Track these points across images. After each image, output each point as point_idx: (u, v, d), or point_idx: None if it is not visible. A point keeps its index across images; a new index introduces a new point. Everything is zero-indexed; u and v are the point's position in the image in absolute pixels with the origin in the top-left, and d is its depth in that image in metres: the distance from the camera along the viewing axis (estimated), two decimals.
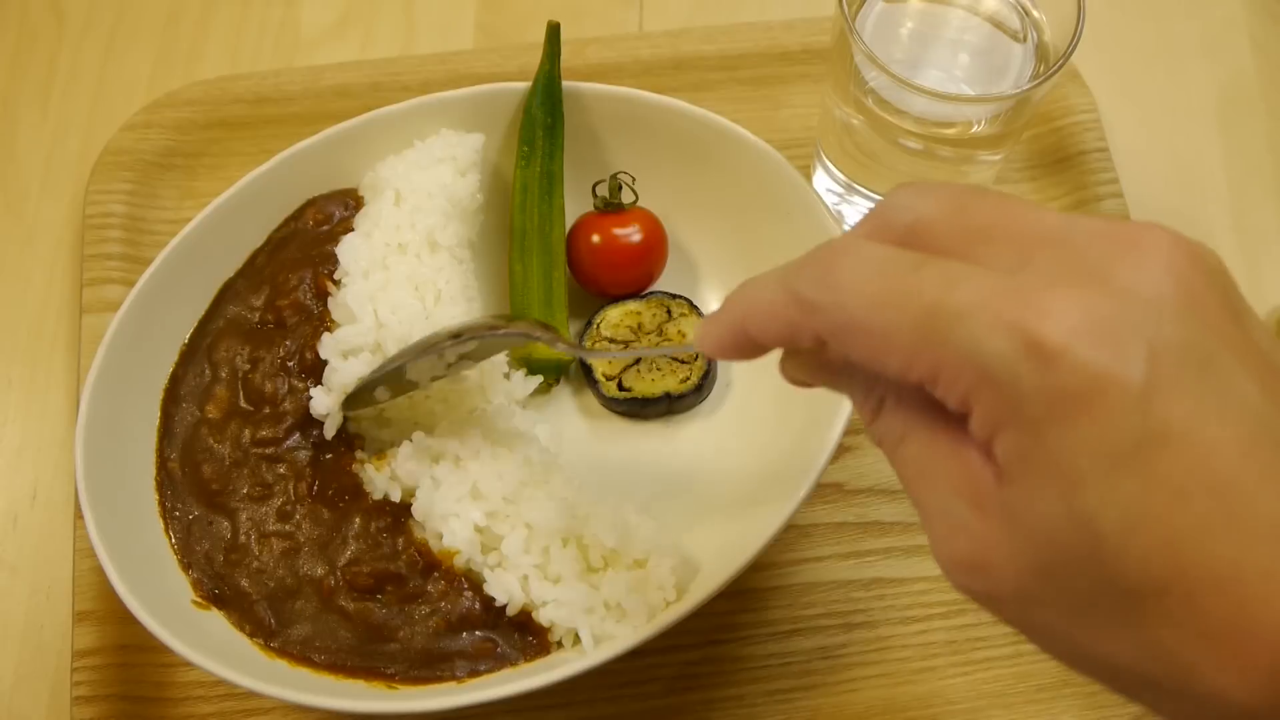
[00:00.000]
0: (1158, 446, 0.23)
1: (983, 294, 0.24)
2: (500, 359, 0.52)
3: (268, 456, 0.51)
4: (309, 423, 0.51)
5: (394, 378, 0.48)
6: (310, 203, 0.56)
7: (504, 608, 0.47)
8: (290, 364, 0.52)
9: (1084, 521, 0.24)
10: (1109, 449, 0.23)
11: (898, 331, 0.25)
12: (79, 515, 0.47)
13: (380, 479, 0.49)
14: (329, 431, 0.50)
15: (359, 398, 0.49)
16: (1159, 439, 0.23)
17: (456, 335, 0.46)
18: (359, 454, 0.51)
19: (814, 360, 0.30)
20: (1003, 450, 0.25)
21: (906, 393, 0.28)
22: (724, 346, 0.30)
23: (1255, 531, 0.23)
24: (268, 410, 0.51)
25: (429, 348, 0.47)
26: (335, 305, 0.52)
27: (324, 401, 0.49)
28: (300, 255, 0.54)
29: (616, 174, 0.57)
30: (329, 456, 0.50)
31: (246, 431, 0.51)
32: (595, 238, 0.57)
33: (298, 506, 0.50)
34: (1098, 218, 0.26)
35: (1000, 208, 0.27)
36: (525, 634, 0.47)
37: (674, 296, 0.57)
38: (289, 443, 0.51)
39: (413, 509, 0.48)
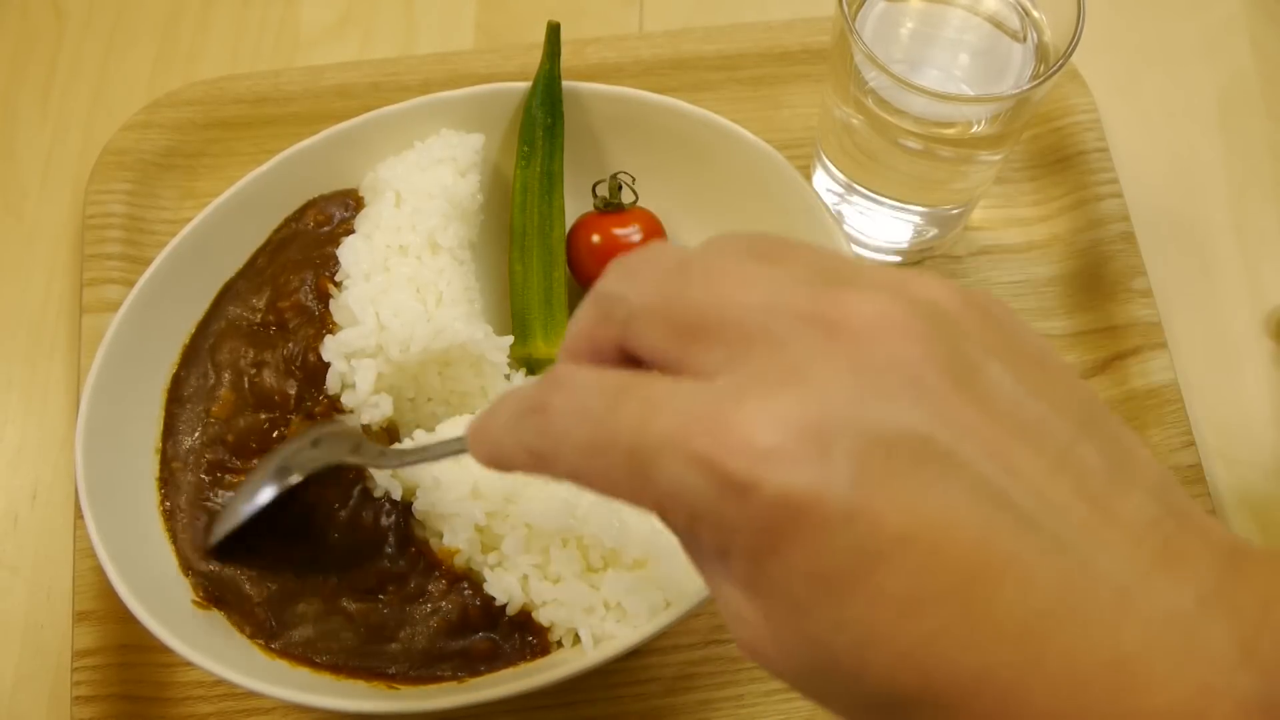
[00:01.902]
0: (875, 560, 0.21)
1: (676, 423, 0.23)
2: (500, 360, 0.53)
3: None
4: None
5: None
6: (311, 203, 0.56)
7: (504, 608, 0.47)
8: (294, 366, 0.52)
9: (818, 646, 0.22)
10: (825, 573, 0.22)
11: (613, 477, 0.24)
12: (79, 515, 0.47)
13: (382, 476, 0.49)
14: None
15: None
16: (875, 552, 0.21)
17: (314, 442, 0.47)
18: None
19: None
20: (736, 576, 0.24)
21: None
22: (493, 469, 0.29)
23: (997, 631, 0.21)
24: (272, 412, 0.51)
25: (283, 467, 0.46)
26: (337, 307, 0.52)
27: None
28: (301, 257, 0.54)
29: (616, 174, 0.57)
30: None
31: (249, 432, 0.51)
32: (595, 238, 0.57)
33: None
34: (808, 287, 0.24)
35: (705, 291, 0.25)
36: (525, 634, 0.47)
37: None
38: None
39: (413, 508, 0.48)
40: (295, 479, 0.46)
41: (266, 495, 0.46)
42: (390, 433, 0.51)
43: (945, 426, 0.22)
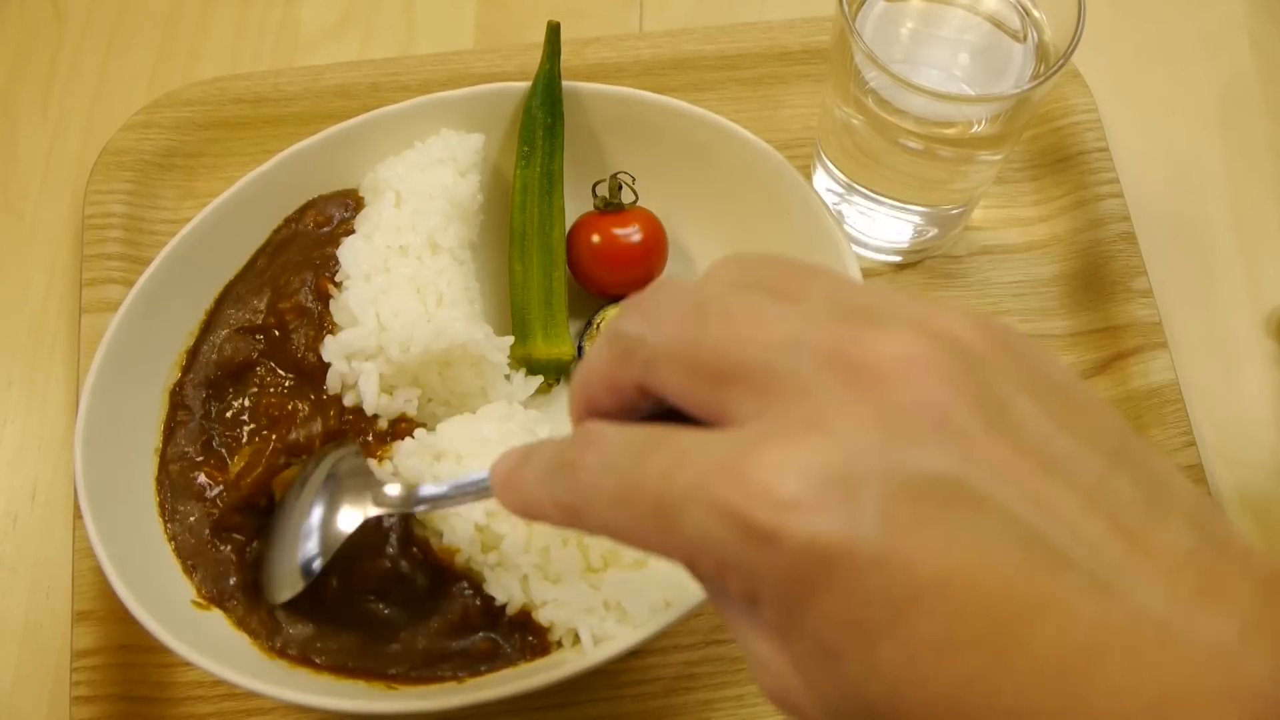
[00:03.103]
0: (907, 606, 0.21)
1: (700, 473, 0.23)
2: (500, 360, 0.53)
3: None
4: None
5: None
6: (311, 204, 0.56)
7: (504, 608, 0.47)
8: (295, 367, 0.52)
9: (852, 694, 0.22)
10: (857, 621, 0.21)
11: (641, 529, 0.24)
12: (79, 515, 0.47)
13: (382, 473, 0.49)
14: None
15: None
16: (906, 598, 0.21)
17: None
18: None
19: None
20: (768, 624, 0.24)
21: None
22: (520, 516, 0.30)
23: (1035, 671, 0.21)
24: (276, 412, 0.51)
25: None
26: (337, 308, 0.52)
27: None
28: (301, 258, 0.54)
29: (616, 174, 0.57)
30: None
31: (250, 433, 0.51)
32: (595, 238, 0.57)
33: None
34: (831, 326, 0.24)
35: (724, 333, 0.25)
36: (525, 634, 0.47)
37: None
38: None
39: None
40: (347, 529, 0.44)
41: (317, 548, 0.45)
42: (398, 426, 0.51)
43: (975, 468, 0.22)
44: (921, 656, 0.21)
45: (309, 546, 0.45)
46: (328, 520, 0.45)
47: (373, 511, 0.45)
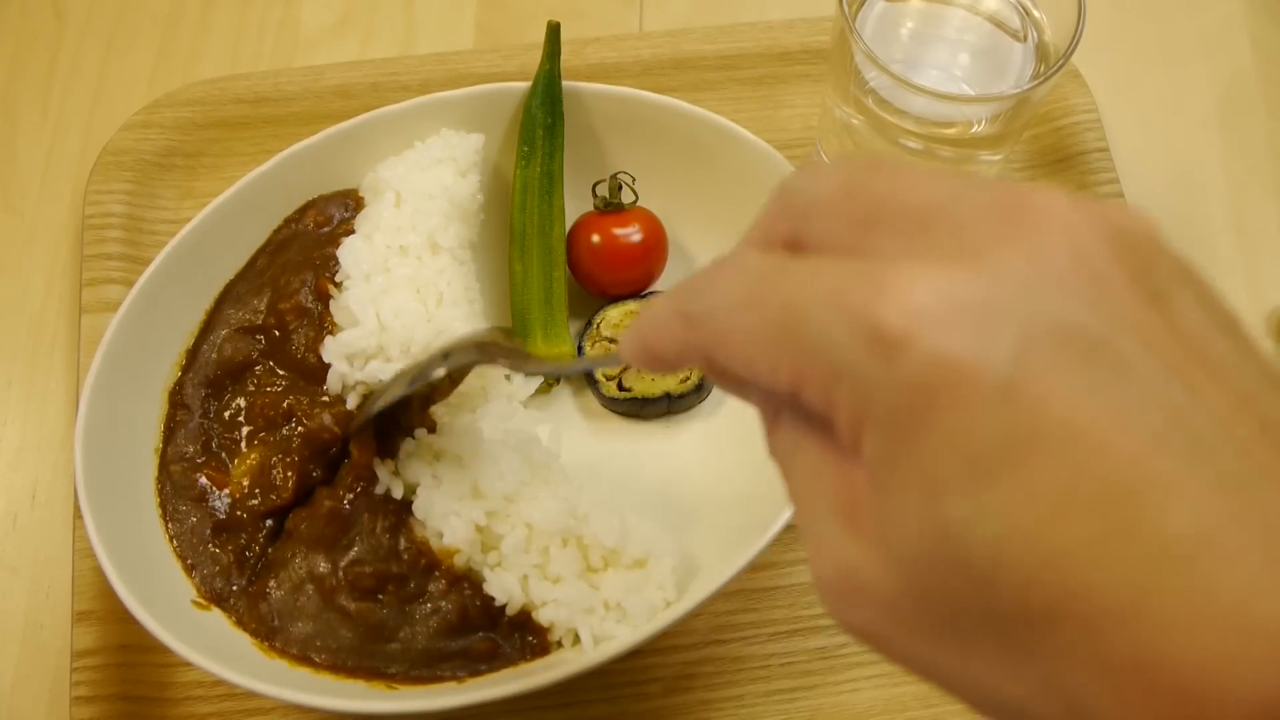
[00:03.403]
0: (1029, 447, 0.19)
1: (836, 282, 0.21)
2: None
3: None
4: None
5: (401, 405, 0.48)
6: (311, 204, 0.56)
7: (504, 607, 0.47)
8: (295, 367, 0.52)
9: (950, 538, 0.20)
10: (973, 451, 0.20)
11: (758, 334, 0.23)
12: (79, 515, 0.47)
13: (383, 473, 0.49)
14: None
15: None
16: (1030, 439, 0.19)
17: (445, 355, 0.47)
18: None
19: (716, 374, 0.27)
20: (868, 455, 0.22)
21: (799, 403, 0.24)
22: (640, 361, 0.28)
23: (1159, 552, 0.19)
24: (271, 412, 0.51)
25: (421, 373, 0.47)
26: (337, 308, 0.52)
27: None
28: (301, 258, 0.54)
29: (616, 174, 0.57)
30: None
31: (249, 433, 0.51)
32: (595, 238, 0.57)
33: None
34: (995, 185, 0.23)
35: (890, 184, 0.23)
36: (525, 634, 0.47)
37: None
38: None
39: (413, 506, 0.48)
40: (452, 363, 0.46)
41: (435, 372, 0.46)
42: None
43: (1127, 333, 0.20)
44: (1039, 505, 0.19)
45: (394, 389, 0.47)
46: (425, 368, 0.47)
47: (479, 358, 0.45)
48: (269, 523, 0.50)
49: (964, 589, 0.20)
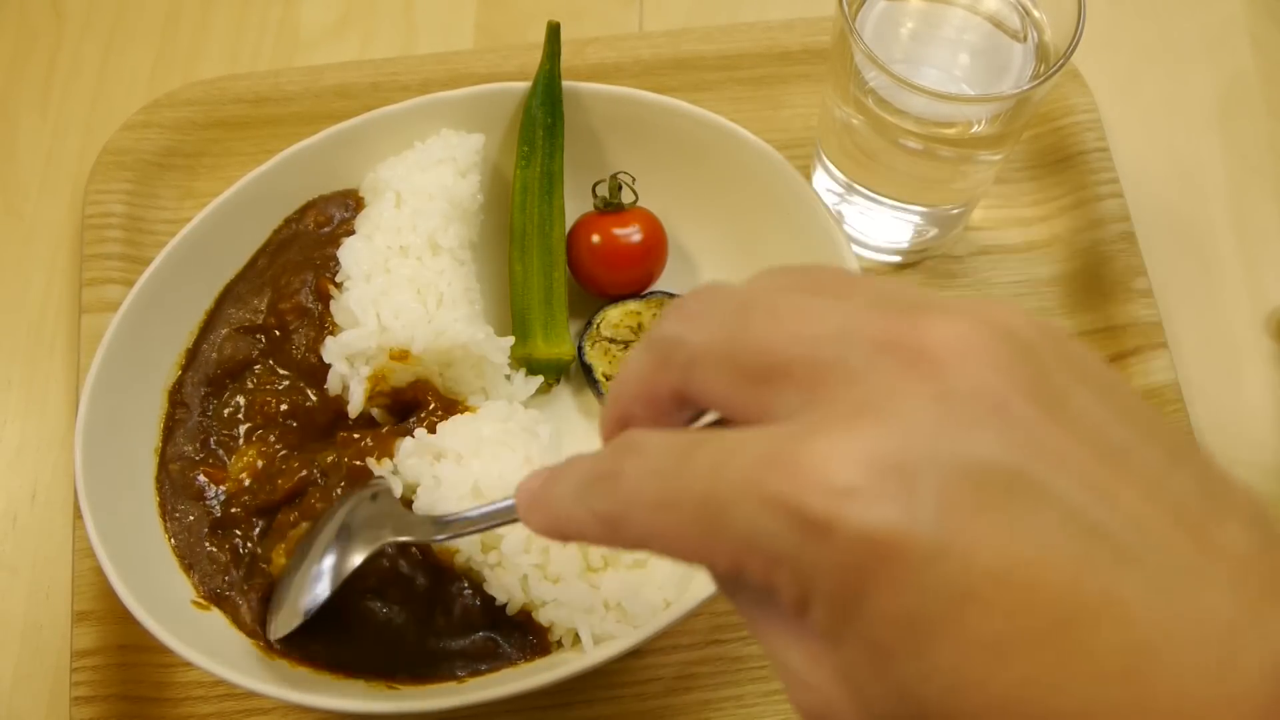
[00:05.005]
0: (964, 602, 0.20)
1: (748, 467, 0.22)
2: (501, 360, 0.53)
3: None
4: None
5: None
6: (311, 204, 0.56)
7: (504, 607, 0.47)
8: (295, 367, 0.52)
9: (906, 695, 0.21)
10: (911, 617, 0.20)
11: (685, 532, 0.23)
12: (79, 515, 0.47)
13: (383, 472, 0.49)
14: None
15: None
16: (964, 594, 0.20)
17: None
18: None
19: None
20: (816, 625, 0.22)
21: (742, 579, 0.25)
22: (551, 538, 0.28)
23: (1099, 672, 0.20)
24: (271, 410, 0.51)
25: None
26: (337, 308, 0.52)
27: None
28: (301, 258, 0.54)
29: (616, 174, 0.57)
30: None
31: (249, 432, 0.51)
32: (595, 238, 0.57)
33: None
34: (881, 313, 0.23)
35: (769, 329, 0.23)
36: (525, 634, 0.47)
37: (674, 296, 0.57)
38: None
39: (414, 506, 0.48)
40: (357, 560, 0.44)
41: (329, 579, 0.44)
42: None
43: (1035, 456, 0.21)
44: (980, 656, 0.20)
45: (317, 589, 0.44)
46: (338, 562, 0.44)
47: (389, 539, 0.44)
48: (261, 523, 0.50)
49: None
